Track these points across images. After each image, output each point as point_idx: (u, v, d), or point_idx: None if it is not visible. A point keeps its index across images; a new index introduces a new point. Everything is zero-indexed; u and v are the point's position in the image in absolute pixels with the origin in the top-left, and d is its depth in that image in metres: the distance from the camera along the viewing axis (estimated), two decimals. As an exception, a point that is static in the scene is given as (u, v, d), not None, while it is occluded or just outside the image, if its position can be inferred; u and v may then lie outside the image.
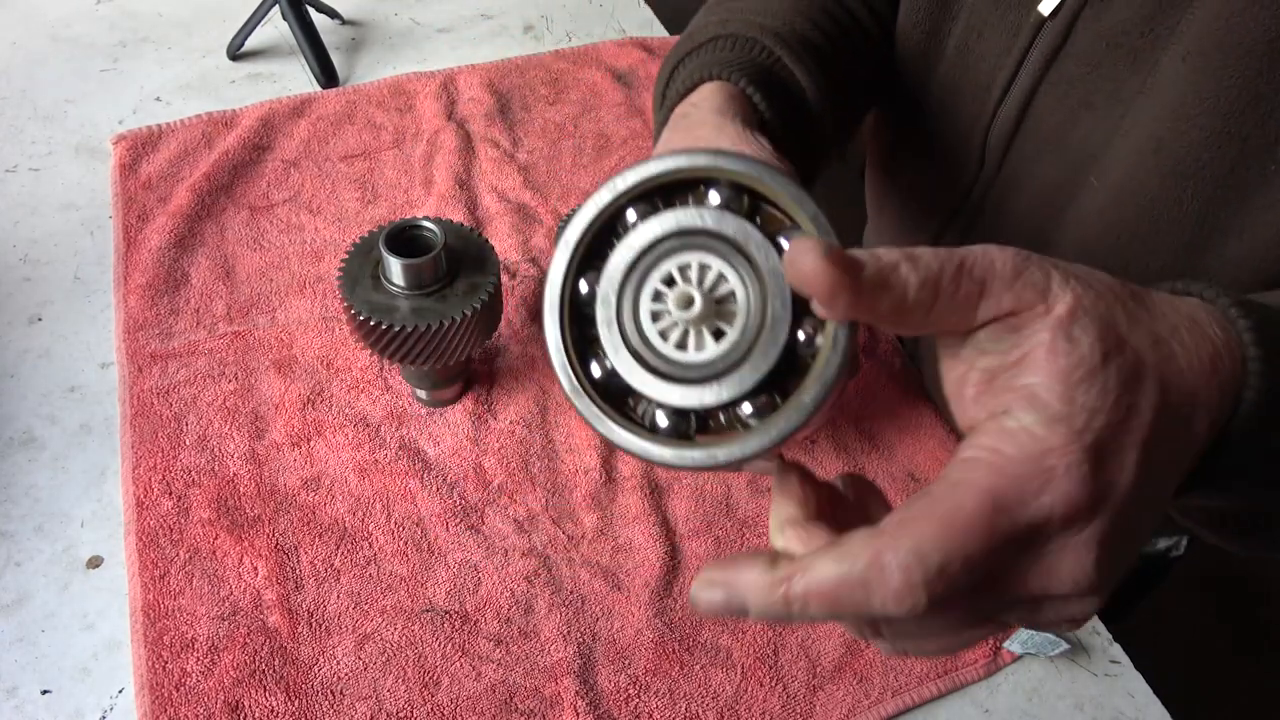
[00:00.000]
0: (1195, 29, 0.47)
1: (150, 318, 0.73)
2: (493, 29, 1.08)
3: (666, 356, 0.33)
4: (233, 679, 0.56)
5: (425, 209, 0.84)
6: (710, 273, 0.33)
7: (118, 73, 0.96)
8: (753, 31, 0.59)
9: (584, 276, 0.34)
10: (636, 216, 0.34)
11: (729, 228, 0.33)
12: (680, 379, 0.33)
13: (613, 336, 0.33)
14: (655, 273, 0.33)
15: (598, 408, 0.34)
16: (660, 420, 0.33)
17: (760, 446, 0.32)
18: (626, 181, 0.34)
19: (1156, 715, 0.61)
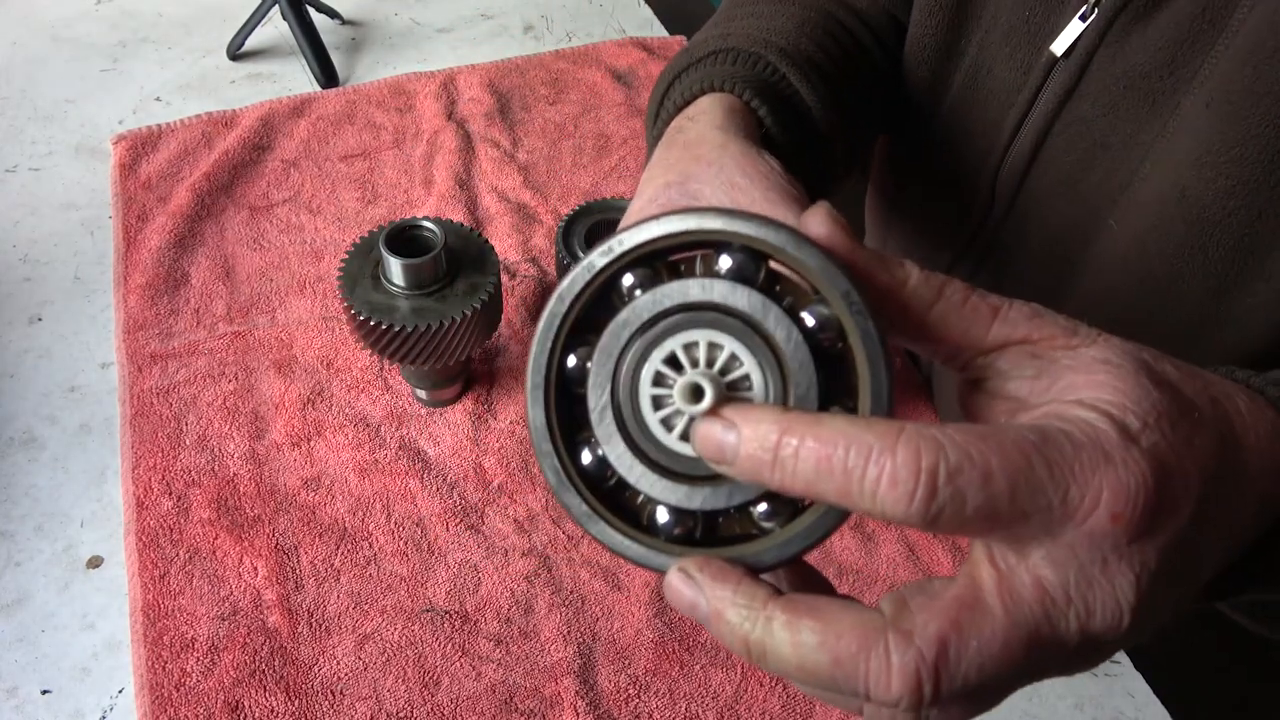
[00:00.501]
0: (1220, 76, 0.47)
1: (150, 318, 0.73)
2: (493, 29, 1.08)
3: (669, 450, 0.29)
4: (233, 679, 0.56)
5: (425, 209, 0.84)
6: (721, 353, 0.28)
7: (118, 73, 0.96)
8: (756, 47, 0.56)
9: (574, 350, 0.30)
10: (635, 281, 0.29)
11: (742, 302, 0.28)
12: (685, 476, 0.29)
13: (606, 424, 0.29)
14: (657, 352, 0.29)
15: (588, 506, 0.29)
16: (661, 517, 0.29)
17: (779, 558, 0.28)
18: (624, 245, 0.29)
19: (1156, 715, 0.61)
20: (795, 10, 0.62)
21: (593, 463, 0.29)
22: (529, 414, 0.30)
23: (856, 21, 0.65)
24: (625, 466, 0.29)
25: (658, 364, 0.29)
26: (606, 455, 0.29)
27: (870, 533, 0.66)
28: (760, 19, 0.61)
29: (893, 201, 0.76)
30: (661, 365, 0.29)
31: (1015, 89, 0.57)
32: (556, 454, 0.29)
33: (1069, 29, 0.52)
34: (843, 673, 0.26)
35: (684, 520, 0.29)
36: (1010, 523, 0.25)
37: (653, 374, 0.29)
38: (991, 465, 0.24)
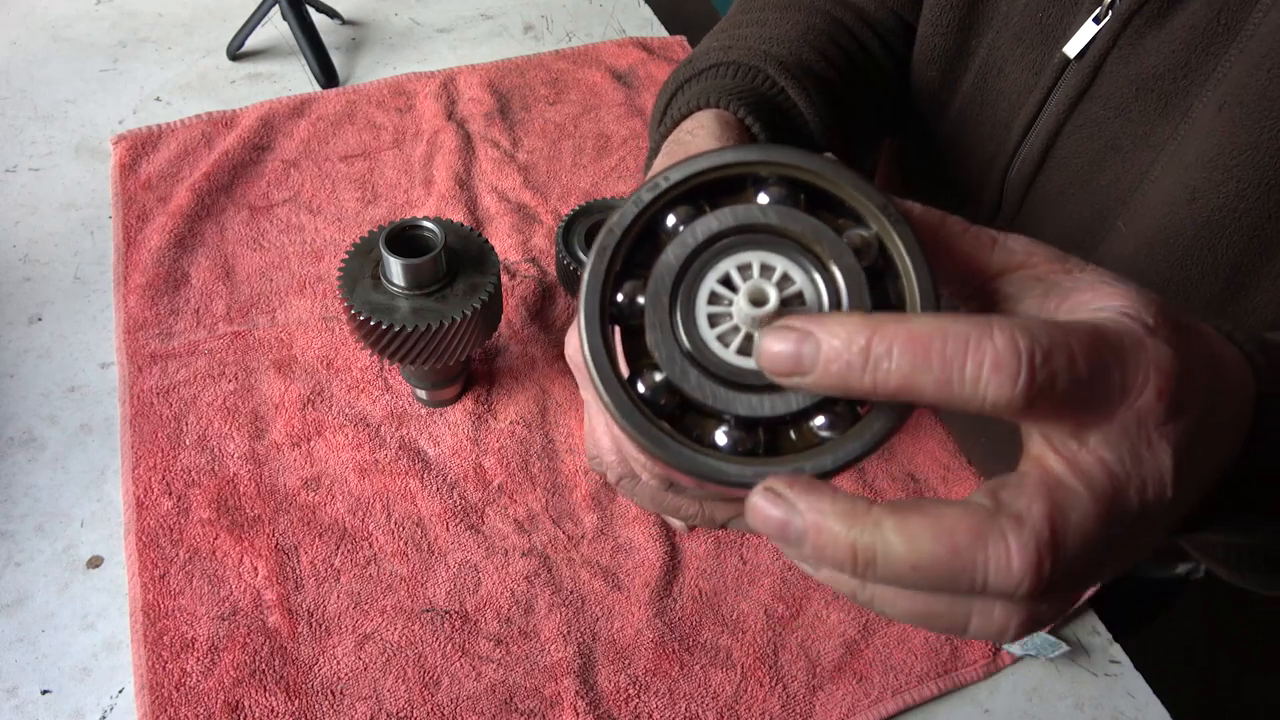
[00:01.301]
0: (1234, 79, 0.47)
1: (150, 318, 0.73)
2: (493, 29, 1.08)
3: (729, 364, 0.29)
4: (233, 679, 0.56)
5: (425, 209, 0.84)
6: (775, 274, 0.29)
7: (118, 73, 0.96)
8: (756, 59, 0.57)
9: (622, 286, 0.30)
10: (679, 218, 0.30)
11: (795, 224, 0.30)
12: (746, 386, 0.29)
13: (664, 339, 0.29)
14: (711, 273, 0.29)
15: (657, 429, 0.29)
16: (720, 440, 0.29)
17: (858, 452, 0.28)
18: (671, 179, 0.30)
19: (1156, 715, 0.61)
20: (799, 17, 0.62)
21: (649, 390, 0.29)
22: (585, 345, 0.29)
23: (862, 25, 0.65)
24: (686, 379, 0.29)
25: (713, 284, 0.29)
26: (666, 373, 0.29)
27: (870, 533, 0.66)
28: (764, 27, 0.61)
29: None
30: (717, 285, 0.29)
31: (1026, 90, 0.57)
32: (618, 380, 0.29)
33: (1082, 31, 0.52)
34: (961, 564, 0.26)
35: (745, 436, 0.29)
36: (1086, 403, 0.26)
37: (708, 293, 0.29)
38: (1074, 349, 0.26)
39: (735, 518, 0.42)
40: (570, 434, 0.70)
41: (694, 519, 0.43)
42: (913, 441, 0.72)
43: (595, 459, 0.44)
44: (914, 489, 0.69)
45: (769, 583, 0.64)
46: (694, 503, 0.42)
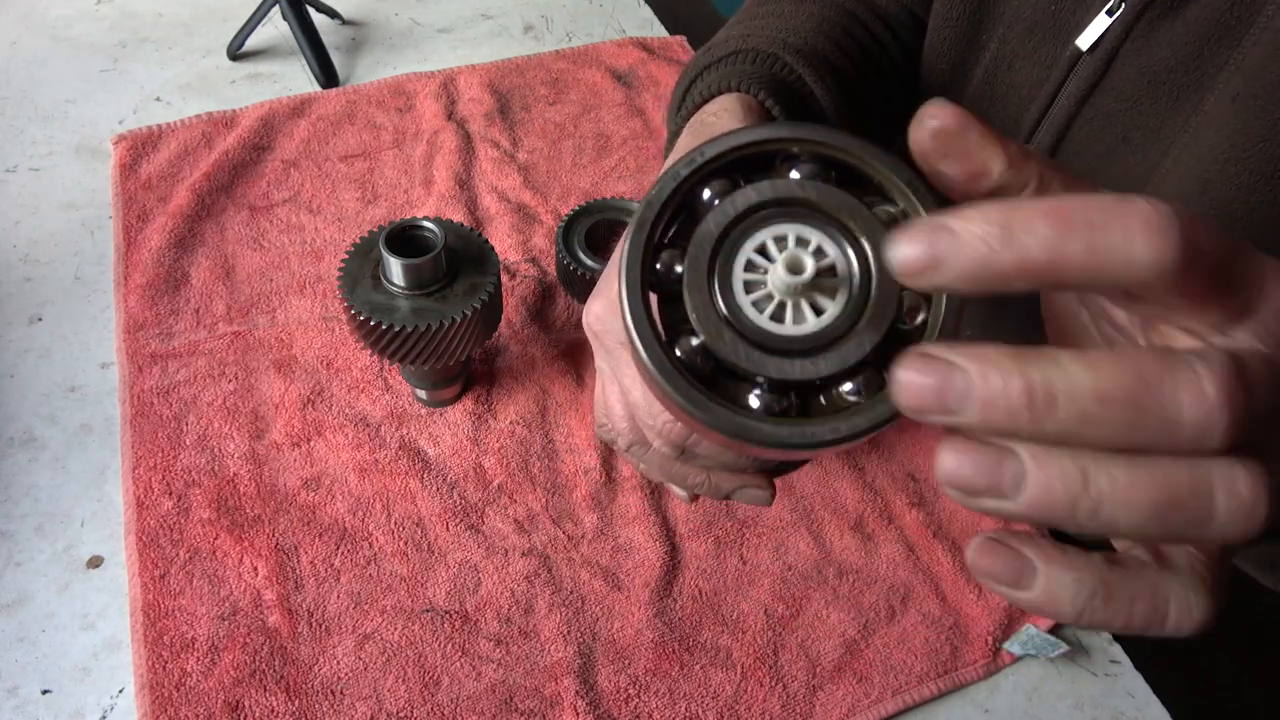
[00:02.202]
0: (1247, 70, 0.46)
1: (150, 318, 0.73)
2: (493, 29, 1.08)
3: (763, 329, 0.30)
4: (233, 679, 0.56)
5: (425, 209, 0.84)
6: (809, 244, 0.30)
7: (118, 73, 0.96)
8: (774, 47, 0.58)
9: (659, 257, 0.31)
10: (713, 194, 0.31)
11: (829, 198, 0.31)
12: (781, 351, 0.30)
13: (703, 305, 0.30)
14: (748, 242, 0.31)
15: (698, 391, 0.30)
16: (753, 403, 0.30)
17: (890, 412, 0.28)
18: (706, 154, 0.31)
19: (1156, 715, 0.61)
20: (814, 9, 0.63)
21: (685, 355, 0.30)
22: (627, 315, 0.30)
23: (875, 18, 0.65)
24: (720, 342, 0.30)
25: (750, 253, 0.31)
26: (701, 335, 0.30)
27: (870, 533, 0.66)
28: (780, 18, 0.62)
29: None
30: (753, 254, 0.31)
31: (1037, 84, 0.57)
32: (658, 343, 0.30)
33: (1095, 23, 0.52)
34: (1150, 392, 0.23)
35: (777, 400, 0.30)
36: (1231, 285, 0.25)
37: (745, 261, 0.30)
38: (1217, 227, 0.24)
39: (740, 488, 0.43)
40: (570, 434, 0.70)
41: (700, 488, 0.43)
42: (913, 441, 0.72)
43: (604, 427, 0.45)
44: (914, 489, 0.69)
45: (769, 583, 0.64)
46: (701, 472, 0.43)
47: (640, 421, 0.42)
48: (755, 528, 0.66)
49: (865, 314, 0.30)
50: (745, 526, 0.66)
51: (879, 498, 0.68)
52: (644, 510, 0.66)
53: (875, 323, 0.30)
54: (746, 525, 0.66)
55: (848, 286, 0.30)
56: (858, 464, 0.70)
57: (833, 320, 0.30)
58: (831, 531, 0.66)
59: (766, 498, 0.43)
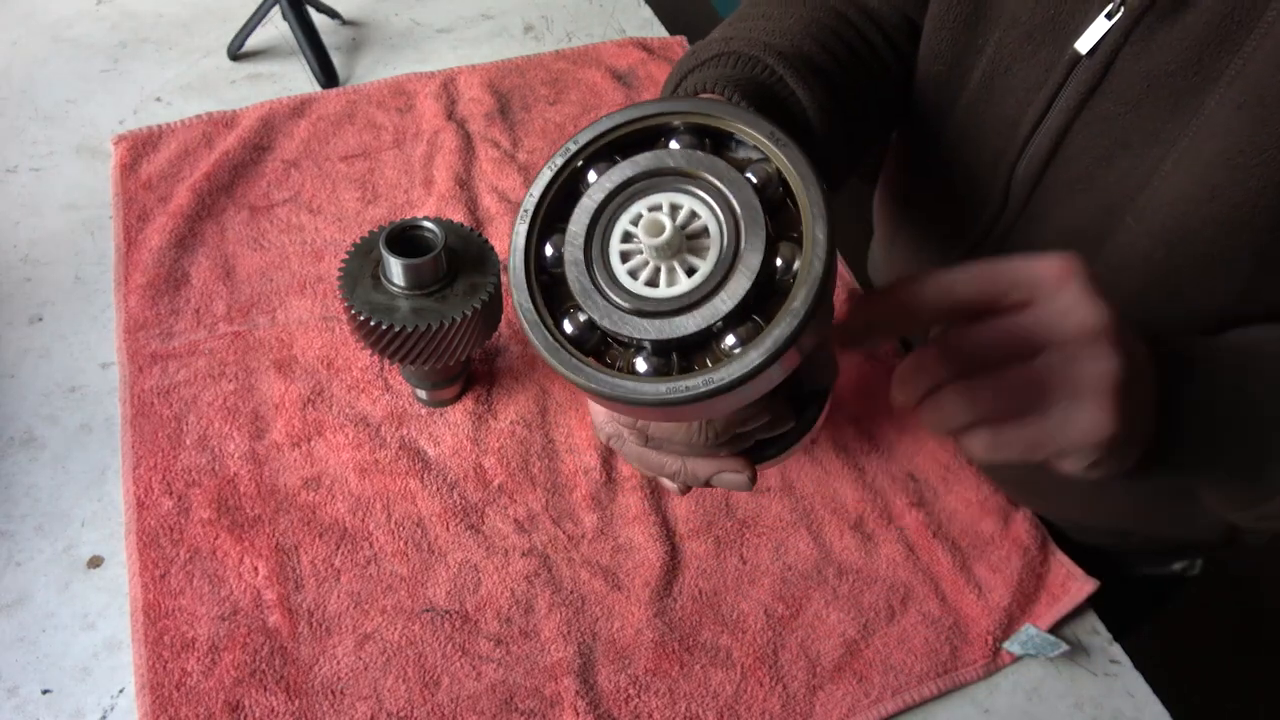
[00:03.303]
0: (1250, 77, 0.47)
1: (150, 318, 0.73)
2: (493, 29, 1.08)
3: (638, 294, 0.32)
4: (233, 679, 0.56)
5: (425, 209, 0.84)
6: (681, 211, 0.32)
7: (118, 73, 0.96)
8: (756, 50, 0.58)
9: (549, 240, 0.33)
10: (597, 173, 0.33)
11: (700, 165, 0.32)
12: (655, 314, 0.31)
13: (583, 280, 0.32)
14: (624, 215, 0.33)
15: (577, 360, 0.32)
16: (640, 366, 0.32)
17: (762, 357, 0.30)
18: (580, 141, 0.33)
19: (1156, 715, 0.61)
20: (804, 11, 0.63)
21: (575, 330, 0.32)
22: (515, 299, 0.33)
23: (867, 21, 0.65)
24: (601, 313, 0.32)
25: (625, 224, 0.33)
26: (586, 310, 0.32)
27: (870, 533, 0.66)
28: (768, 20, 0.62)
29: (903, 200, 0.76)
30: (629, 225, 0.32)
31: (1035, 87, 0.57)
32: (541, 321, 0.32)
33: (1094, 27, 0.52)
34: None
35: (662, 362, 0.32)
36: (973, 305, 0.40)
37: (621, 233, 0.33)
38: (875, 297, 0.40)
39: (717, 474, 0.44)
40: (570, 434, 0.70)
41: (679, 476, 0.45)
42: (913, 441, 0.72)
43: (595, 426, 0.47)
44: (914, 489, 0.69)
45: (769, 583, 0.64)
46: (676, 459, 0.44)
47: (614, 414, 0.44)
48: (755, 528, 0.66)
49: (734, 269, 0.31)
50: (745, 526, 0.66)
51: (879, 498, 0.68)
52: (644, 510, 0.66)
53: (742, 275, 0.31)
54: (746, 525, 0.66)
55: (718, 245, 0.32)
56: (858, 464, 0.70)
57: (703, 279, 0.31)
58: (831, 531, 0.66)
59: (744, 481, 0.45)
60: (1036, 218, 0.60)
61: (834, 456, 0.70)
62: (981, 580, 0.65)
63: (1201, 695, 1.47)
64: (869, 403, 0.74)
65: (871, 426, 0.72)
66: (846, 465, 0.70)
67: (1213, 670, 1.58)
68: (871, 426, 0.72)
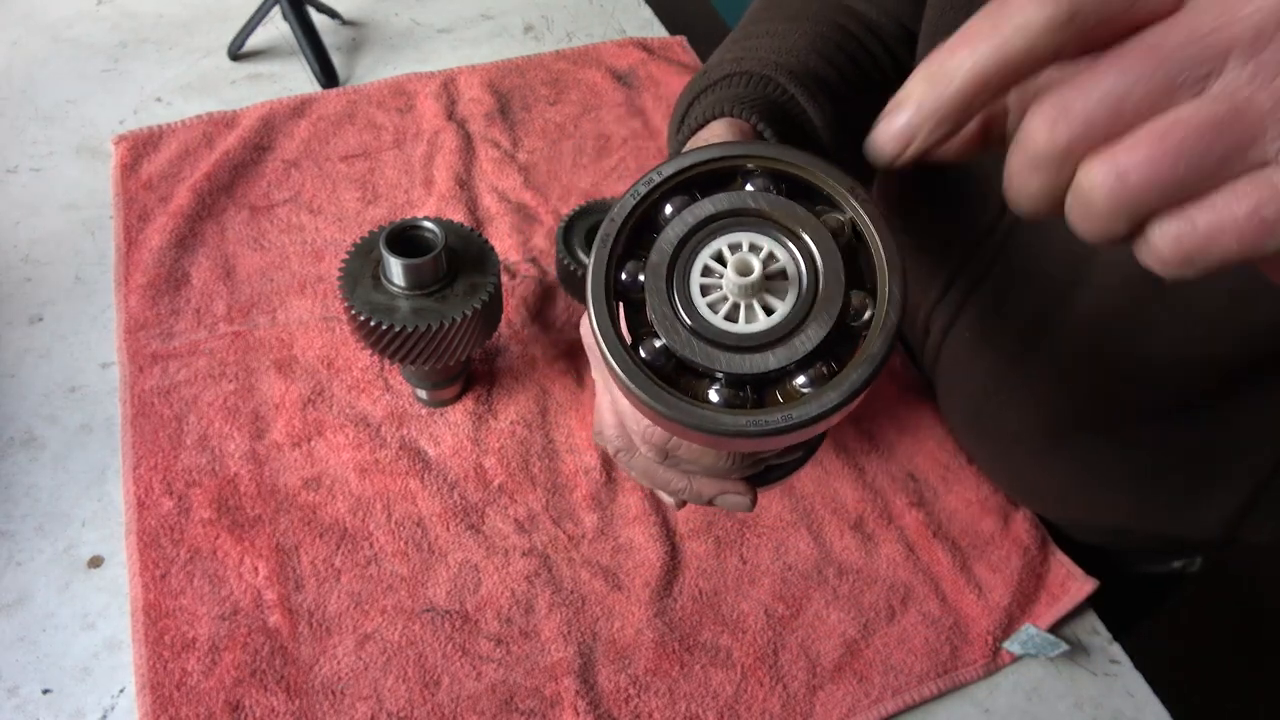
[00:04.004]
0: None
1: (151, 318, 0.73)
2: (493, 29, 1.08)
3: (718, 328, 0.33)
4: (233, 678, 0.56)
5: (425, 209, 0.84)
6: (761, 251, 0.33)
7: (118, 73, 0.96)
8: (767, 69, 0.59)
9: (625, 267, 0.34)
10: (675, 206, 0.34)
11: (778, 208, 0.34)
12: (733, 348, 0.32)
13: (663, 308, 0.33)
14: (705, 250, 0.34)
15: (659, 386, 0.32)
16: (713, 397, 0.33)
17: (837, 400, 0.31)
18: (664, 173, 0.34)
19: (1156, 715, 0.61)
20: (808, 27, 0.64)
21: (649, 356, 0.33)
22: (593, 322, 0.33)
23: (869, 34, 0.66)
24: (679, 342, 0.33)
25: (706, 259, 0.34)
26: (663, 337, 0.33)
27: (870, 533, 0.66)
28: (774, 38, 0.63)
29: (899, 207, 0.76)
30: (710, 260, 0.33)
31: None
32: (622, 346, 0.33)
33: None
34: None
35: (735, 394, 0.32)
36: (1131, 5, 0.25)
37: (702, 267, 0.33)
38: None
39: (721, 494, 0.45)
40: (570, 434, 0.70)
41: (682, 494, 0.45)
42: (913, 441, 0.72)
43: (599, 434, 0.47)
44: (914, 489, 0.69)
45: (769, 583, 0.64)
46: (683, 477, 0.44)
47: (627, 428, 0.44)
48: (755, 528, 0.66)
49: (813, 312, 0.33)
50: (745, 526, 0.66)
51: (879, 498, 0.68)
52: (644, 510, 0.66)
53: (822, 319, 0.32)
54: (746, 525, 0.66)
55: (797, 287, 0.33)
56: (858, 464, 0.70)
57: (782, 319, 0.32)
58: (831, 531, 0.66)
59: (746, 504, 0.45)
60: (1034, 226, 0.61)
61: (834, 456, 0.70)
62: (981, 580, 0.65)
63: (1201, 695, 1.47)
64: (869, 403, 0.74)
65: (871, 426, 0.72)
66: (846, 465, 0.70)
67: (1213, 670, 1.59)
68: (871, 426, 0.72)
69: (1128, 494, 0.66)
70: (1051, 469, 0.65)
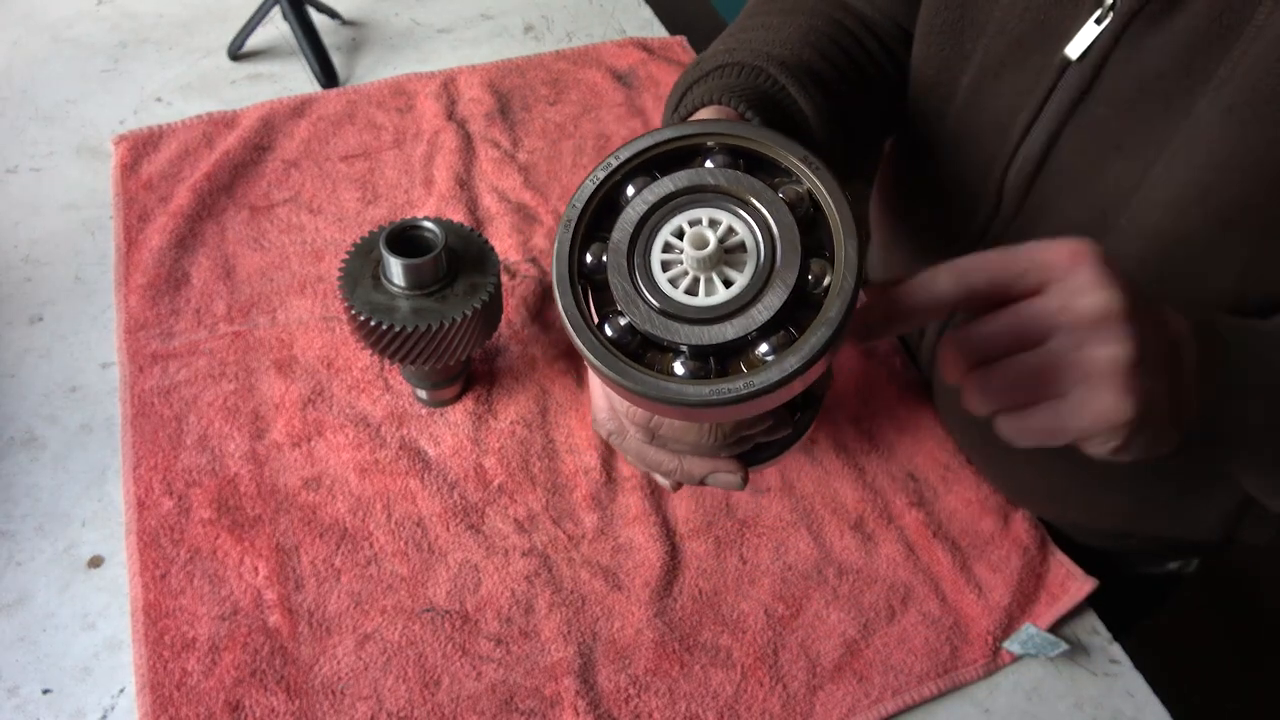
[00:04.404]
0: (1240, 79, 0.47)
1: (151, 318, 0.73)
2: (493, 29, 1.08)
3: (679, 302, 0.34)
4: (233, 678, 0.56)
5: (425, 209, 0.84)
6: (720, 226, 0.34)
7: (119, 73, 0.96)
8: (758, 60, 0.59)
9: (589, 249, 0.35)
10: (636, 187, 0.35)
11: (736, 183, 0.34)
12: (695, 321, 0.33)
13: (625, 286, 0.34)
14: (665, 227, 0.34)
15: (622, 362, 0.33)
16: (678, 369, 0.34)
17: (800, 362, 0.32)
18: (622, 156, 0.35)
19: (1156, 715, 0.61)
20: (803, 20, 0.64)
21: (615, 333, 0.34)
22: (559, 303, 0.34)
23: (863, 29, 0.66)
24: (643, 318, 0.34)
25: (667, 236, 0.35)
26: (627, 315, 0.34)
27: (870, 533, 0.66)
28: (769, 30, 0.63)
29: (899, 204, 0.76)
30: (670, 237, 0.34)
31: (1026, 91, 0.57)
32: (587, 326, 0.34)
33: (1083, 32, 0.52)
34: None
35: (700, 365, 0.34)
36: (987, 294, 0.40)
37: (662, 244, 0.35)
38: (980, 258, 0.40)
39: (712, 473, 0.46)
40: (570, 434, 0.70)
41: (675, 474, 0.46)
42: (913, 442, 0.72)
43: (595, 419, 0.48)
44: (914, 489, 0.69)
45: (769, 583, 0.64)
46: (673, 457, 0.46)
47: (616, 409, 0.45)
48: (755, 528, 0.66)
49: (770, 282, 0.33)
50: (745, 526, 0.66)
51: (879, 498, 0.68)
52: (644, 510, 0.66)
53: (778, 289, 0.33)
54: (746, 525, 0.66)
55: (755, 259, 0.34)
56: (858, 464, 0.70)
57: (741, 290, 0.33)
58: (831, 531, 0.66)
59: (737, 482, 0.46)
60: (1030, 221, 0.61)
61: (834, 456, 0.70)
62: (981, 580, 0.65)
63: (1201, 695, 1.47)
64: (869, 403, 0.74)
65: (871, 426, 0.72)
66: (846, 465, 0.70)
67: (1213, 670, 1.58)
68: (871, 426, 0.72)
69: (1127, 495, 0.66)
70: (1050, 471, 0.65)
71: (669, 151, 0.36)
